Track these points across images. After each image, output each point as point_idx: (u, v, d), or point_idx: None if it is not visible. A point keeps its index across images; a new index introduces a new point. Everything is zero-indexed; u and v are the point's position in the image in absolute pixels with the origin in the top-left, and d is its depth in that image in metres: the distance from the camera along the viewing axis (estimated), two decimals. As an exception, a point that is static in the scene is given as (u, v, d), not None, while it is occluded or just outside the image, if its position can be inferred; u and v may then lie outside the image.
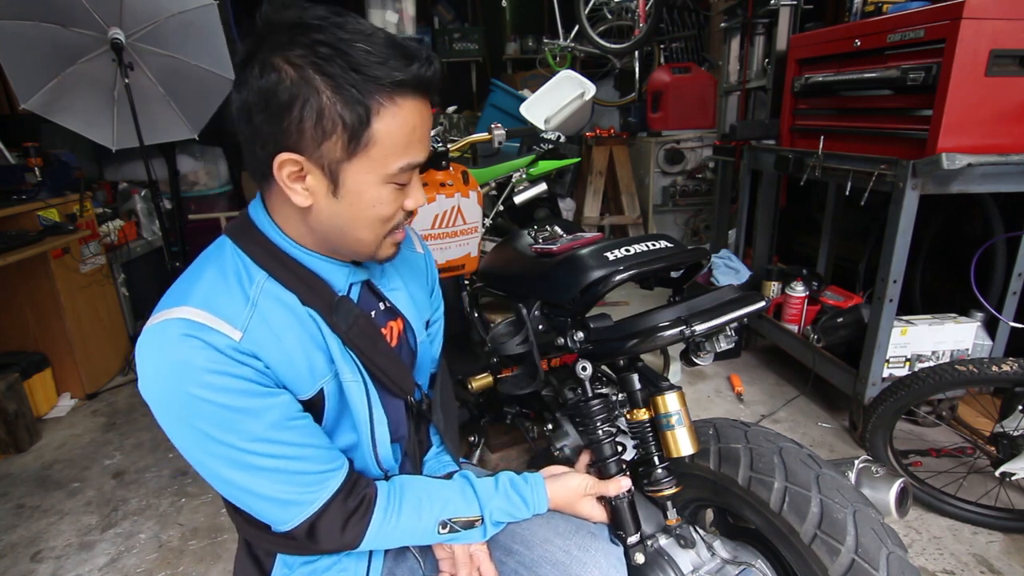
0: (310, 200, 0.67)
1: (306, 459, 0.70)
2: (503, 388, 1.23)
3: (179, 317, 0.64)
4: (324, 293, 0.73)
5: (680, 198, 3.77)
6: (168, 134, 2.73)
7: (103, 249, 2.72)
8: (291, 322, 0.70)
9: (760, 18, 2.54)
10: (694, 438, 0.94)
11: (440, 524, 0.77)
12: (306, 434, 0.71)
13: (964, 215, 2.23)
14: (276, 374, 0.69)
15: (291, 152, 0.64)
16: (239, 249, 0.72)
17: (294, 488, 0.69)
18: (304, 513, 0.70)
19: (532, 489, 0.85)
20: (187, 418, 0.64)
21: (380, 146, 0.64)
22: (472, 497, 0.81)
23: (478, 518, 0.80)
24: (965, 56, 1.48)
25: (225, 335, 0.64)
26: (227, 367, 0.64)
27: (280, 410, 0.68)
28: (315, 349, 0.72)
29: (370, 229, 0.71)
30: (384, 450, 0.80)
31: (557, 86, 2.63)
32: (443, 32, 5.53)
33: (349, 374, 0.74)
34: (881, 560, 0.77)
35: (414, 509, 0.77)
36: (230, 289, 0.68)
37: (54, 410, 2.43)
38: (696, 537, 0.98)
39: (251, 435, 0.66)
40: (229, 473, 0.67)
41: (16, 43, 2.20)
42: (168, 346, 0.63)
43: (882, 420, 1.67)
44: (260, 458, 0.67)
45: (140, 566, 1.58)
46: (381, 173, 0.66)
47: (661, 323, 0.92)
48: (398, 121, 0.64)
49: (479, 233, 1.62)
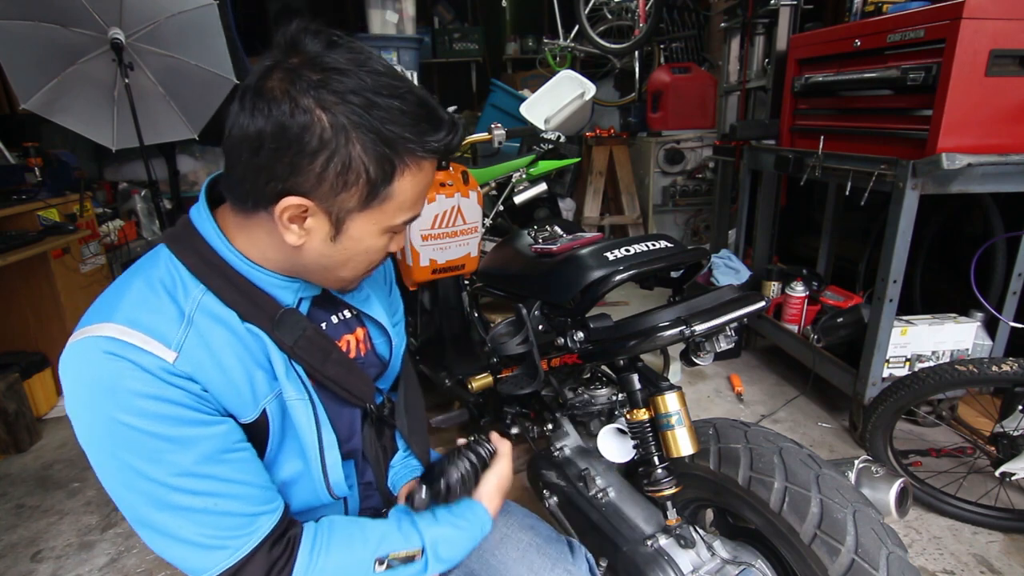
0: (303, 240, 0.64)
1: (237, 498, 0.63)
2: (503, 388, 1.23)
3: (104, 335, 0.59)
4: (268, 307, 0.68)
5: (680, 198, 3.77)
6: (168, 134, 2.73)
7: (103, 249, 2.72)
8: (230, 340, 0.65)
9: (760, 18, 2.54)
10: (694, 438, 0.94)
11: (377, 561, 0.69)
12: (240, 469, 0.65)
13: (964, 215, 2.23)
14: (215, 397, 0.63)
15: (301, 196, 0.61)
16: (175, 258, 0.66)
17: (219, 532, 0.62)
18: (227, 561, 0.63)
19: (468, 506, 0.78)
20: (110, 447, 0.59)
21: (394, 202, 0.64)
22: (410, 528, 0.73)
23: (418, 551, 0.72)
24: (965, 56, 1.48)
25: (156, 356, 0.59)
26: (159, 390, 0.59)
27: (214, 441, 0.62)
28: (256, 368, 0.67)
29: (355, 270, 0.71)
30: (336, 475, 0.74)
31: (557, 86, 2.63)
32: (443, 32, 5.53)
33: (293, 392, 0.69)
34: (881, 560, 0.77)
35: (344, 547, 0.69)
36: (161, 304, 0.63)
37: (54, 410, 2.42)
38: (696, 537, 0.98)
39: (178, 468, 0.60)
40: (150, 513, 0.61)
41: (16, 43, 2.20)
42: (92, 367, 0.58)
43: (882, 420, 1.67)
44: (184, 496, 0.60)
45: (140, 566, 1.58)
46: (386, 225, 0.66)
47: (661, 323, 0.92)
48: (416, 180, 0.65)
49: (479, 233, 1.62)
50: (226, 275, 0.67)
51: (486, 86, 4.57)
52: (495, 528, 0.85)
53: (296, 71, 0.58)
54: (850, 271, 2.57)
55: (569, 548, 0.88)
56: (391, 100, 0.60)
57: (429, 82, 5.78)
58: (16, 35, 2.18)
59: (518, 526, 0.88)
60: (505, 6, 5.57)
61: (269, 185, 0.61)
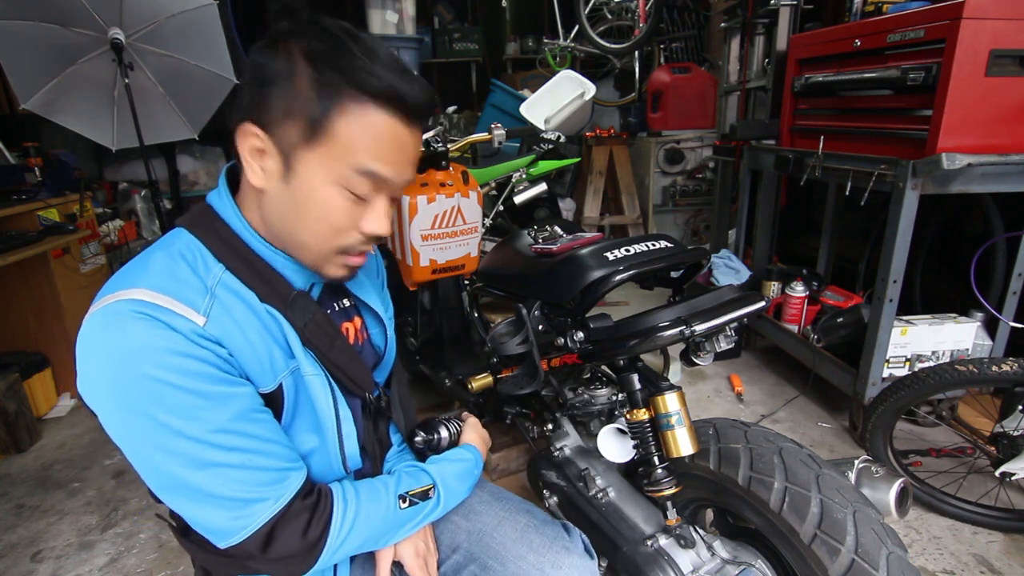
0: (264, 181, 0.66)
1: (269, 454, 0.66)
2: (503, 388, 1.23)
3: (132, 298, 0.60)
4: (282, 289, 0.71)
5: (680, 198, 3.77)
6: (168, 134, 2.73)
7: (103, 249, 2.72)
8: (250, 316, 0.68)
9: (760, 18, 2.54)
10: (694, 438, 0.94)
11: (399, 498, 0.77)
12: (269, 428, 0.68)
13: (964, 215, 2.23)
14: (240, 363, 0.66)
15: (256, 124, 0.64)
16: (197, 239, 0.69)
17: (255, 486, 0.64)
18: (265, 514, 0.65)
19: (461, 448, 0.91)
20: (144, 407, 0.59)
21: (337, 143, 0.63)
22: (419, 470, 0.82)
23: (430, 485, 0.81)
24: (965, 56, 1.48)
25: (187, 319, 0.61)
26: (191, 349, 0.60)
27: (245, 400, 0.65)
28: (274, 344, 0.69)
29: (315, 235, 0.68)
30: (352, 448, 0.77)
31: (557, 86, 2.64)
32: (443, 32, 5.53)
33: (310, 368, 0.72)
34: (881, 560, 0.77)
35: (370, 494, 0.75)
36: (186, 276, 0.65)
37: (54, 410, 2.42)
38: (696, 537, 0.98)
39: (215, 425, 0.61)
40: (184, 473, 0.61)
41: (16, 43, 2.20)
42: (124, 327, 0.58)
43: (882, 420, 1.67)
44: (222, 452, 0.62)
45: (140, 566, 1.58)
46: (335, 171, 0.64)
47: (661, 323, 0.92)
48: (364, 125, 0.63)
49: (479, 233, 1.62)
50: (244, 256, 0.69)
51: (486, 86, 4.57)
52: (493, 511, 0.89)
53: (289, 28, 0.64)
54: (850, 271, 2.57)
55: (565, 529, 0.89)
56: (357, 54, 0.62)
57: (429, 82, 5.77)
58: (16, 35, 2.18)
59: (515, 509, 0.90)
60: (505, 6, 5.57)
61: (237, 116, 0.66)
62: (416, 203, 1.48)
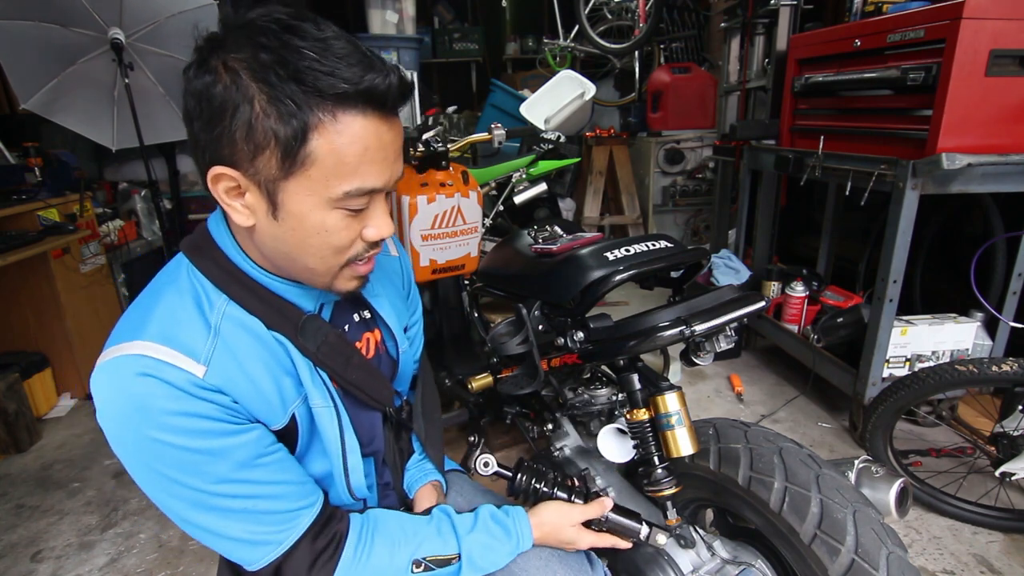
0: (251, 220, 0.62)
1: (276, 497, 0.66)
2: (503, 388, 1.23)
3: (134, 354, 0.59)
4: (291, 315, 0.68)
5: (680, 198, 3.77)
6: (168, 134, 2.73)
7: (103, 249, 2.72)
8: (256, 349, 0.66)
9: (760, 18, 2.54)
10: (694, 438, 0.94)
11: (414, 563, 0.72)
12: (277, 470, 0.67)
13: (964, 215, 2.23)
14: (246, 407, 0.64)
15: (225, 166, 0.58)
16: (196, 269, 0.66)
17: (262, 528, 0.65)
18: (272, 553, 0.66)
19: (514, 521, 0.80)
20: (146, 461, 0.60)
21: (320, 166, 0.57)
22: (450, 532, 0.76)
23: (455, 556, 0.74)
24: (965, 56, 1.48)
25: (186, 371, 0.59)
26: (190, 406, 0.59)
27: (248, 448, 0.63)
28: (283, 375, 0.68)
29: (319, 258, 0.64)
30: (357, 479, 0.76)
31: (557, 86, 2.63)
32: (443, 32, 5.53)
33: (319, 399, 0.70)
34: (881, 560, 0.77)
35: (387, 547, 0.72)
36: (189, 317, 0.63)
37: (54, 410, 2.42)
38: (696, 537, 0.98)
39: (216, 477, 0.61)
40: (193, 515, 0.63)
41: (16, 43, 2.20)
42: (124, 386, 0.59)
43: (882, 420, 1.67)
44: (226, 500, 0.63)
45: (140, 566, 1.58)
46: (324, 196, 0.59)
47: (661, 323, 0.92)
48: (343, 139, 0.57)
49: (479, 233, 1.62)
50: (245, 284, 0.67)
51: (486, 86, 4.57)
52: None
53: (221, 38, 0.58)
54: (850, 271, 2.57)
55: (588, 560, 0.88)
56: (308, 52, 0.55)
57: (429, 82, 5.79)
58: (16, 35, 2.18)
59: None
60: (505, 6, 5.57)
61: (202, 160, 0.60)
62: (416, 203, 1.48)
